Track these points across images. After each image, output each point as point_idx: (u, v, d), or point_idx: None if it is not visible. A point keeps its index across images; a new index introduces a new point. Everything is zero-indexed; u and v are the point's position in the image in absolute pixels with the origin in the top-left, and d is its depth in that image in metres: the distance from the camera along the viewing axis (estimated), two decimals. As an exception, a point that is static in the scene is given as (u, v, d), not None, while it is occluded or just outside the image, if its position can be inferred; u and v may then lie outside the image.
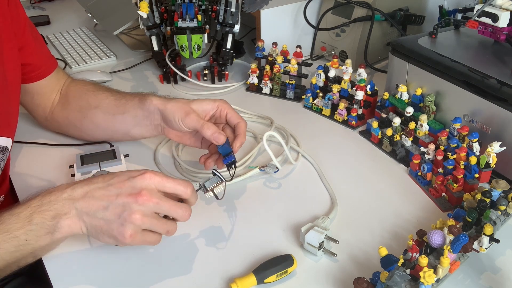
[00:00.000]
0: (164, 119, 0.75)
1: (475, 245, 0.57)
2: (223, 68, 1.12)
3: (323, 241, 0.62)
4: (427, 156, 0.75)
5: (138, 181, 0.57)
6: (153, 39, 1.09)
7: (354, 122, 0.91)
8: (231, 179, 0.71)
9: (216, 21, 1.07)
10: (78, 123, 0.85)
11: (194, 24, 1.02)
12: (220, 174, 0.65)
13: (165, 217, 0.60)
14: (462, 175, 0.69)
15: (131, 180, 0.57)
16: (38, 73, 0.83)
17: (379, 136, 0.85)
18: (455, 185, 0.70)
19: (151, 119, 0.76)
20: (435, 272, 0.53)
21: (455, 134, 0.75)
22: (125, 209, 0.56)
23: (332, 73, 0.96)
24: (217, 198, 0.65)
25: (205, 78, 1.12)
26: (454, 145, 0.74)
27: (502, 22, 0.77)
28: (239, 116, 0.74)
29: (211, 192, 0.65)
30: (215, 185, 0.65)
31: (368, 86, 0.92)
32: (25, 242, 0.56)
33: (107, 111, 0.81)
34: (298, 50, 1.02)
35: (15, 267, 0.58)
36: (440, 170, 0.73)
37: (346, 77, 0.94)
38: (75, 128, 0.86)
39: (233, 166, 0.71)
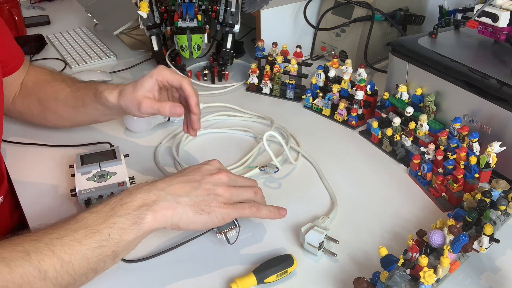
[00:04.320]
0: (124, 111, 0.75)
1: (475, 245, 0.57)
2: (223, 68, 1.12)
3: (323, 241, 0.62)
4: (427, 156, 0.75)
5: (212, 165, 0.65)
6: (153, 39, 1.09)
7: (354, 122, 0.91)
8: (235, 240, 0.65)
9: (216, 21, 1.07)
10: (41, 114, 0.86)
11: (194, 24, 1.02)
12: (236, 220, 0.63)
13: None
14: (462, 175, 0.69)
15: (205, 166, 0.64)
16: (7, 70, 0.82)
17: (379, 136, 0.85)
18: (455, 185, 0.70)
19: (115, 110, 0.77)
20: (435, 272, 0.53)
21: (455, 134, 0.75)
22: (212, 186, 0.61)
23: (332, 73, 0.96)
24: (228, 242, 0.63)
25: (205, 78, 1.12)
26: (454, 145, 0.74)
27: (502, 22, 0.77)
28: (178, 76, 0.73)
29: (223, 235, 0.63)
30: (229, 228, 0.63)
31: (368, 86, 0.92)
32: (108, 236, 0.53)
33: (67, 104, 0.81)
34: (298, 50, 1.02)
35: (92, 273, 0.54)
36: (440, 170, 0.73)
37: (346, 77, 0.94)
38: (38, 118, 0.87)
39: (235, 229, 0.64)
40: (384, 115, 0.87)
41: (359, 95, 0.90)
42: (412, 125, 0.80)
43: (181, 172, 0.63)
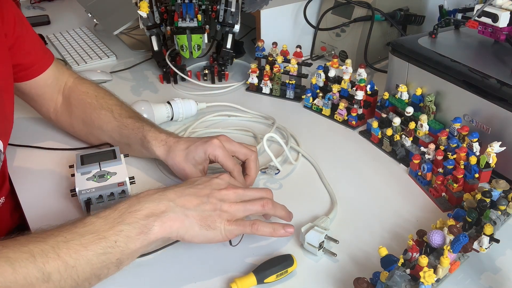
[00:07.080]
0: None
1: (475, 245, 0.57)
2: (223, 68, 1.12)
3: (323, 241, 0.62)
4: (427, 156, 0.75)
5: (222, 179, 0.64)
6: (153, 39, 1.09)
7: (354, 122, 0.91)
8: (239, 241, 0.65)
9: (216, 21, 1.07)
10: (83, 135, 0.86)
11: (194, 24, 1.02)
12: None
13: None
14: (462, 175, 0.69)
15: (215, 179, 0.63)
16: (33, 70, 0.81)
17: (379, 136, 0.85)
18: (455, 185, 0.70)
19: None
20: (435, 272, 0.53)
21: (455, 134, 0.75)
22: (219, 201, 0.60)
23: (332, 73, 0.96)
24: (231, 244, 0.64)
25: (205, 78, 1.12)
26: (454, 145, 0.74)
27: (502, 22, 0.77)
28: (230, 162, 0.71)
29: None
30: None
31: (368, 86, 0.92)
32: (114, 244, 0.53)
33: (111, 137, 0.80)
34: (298, 50, 1.02)
35: (95, 279, 0.54)
36: (440, 170, 0.73)
37: (346, 77, 0.94)
38: (81, 137, 0.87)
39: None
40: (384, 115, 0.87)
41: (359, 95, 0.90)
42: (412, 125, 0.80)
43: (191, 184, 0.62)
